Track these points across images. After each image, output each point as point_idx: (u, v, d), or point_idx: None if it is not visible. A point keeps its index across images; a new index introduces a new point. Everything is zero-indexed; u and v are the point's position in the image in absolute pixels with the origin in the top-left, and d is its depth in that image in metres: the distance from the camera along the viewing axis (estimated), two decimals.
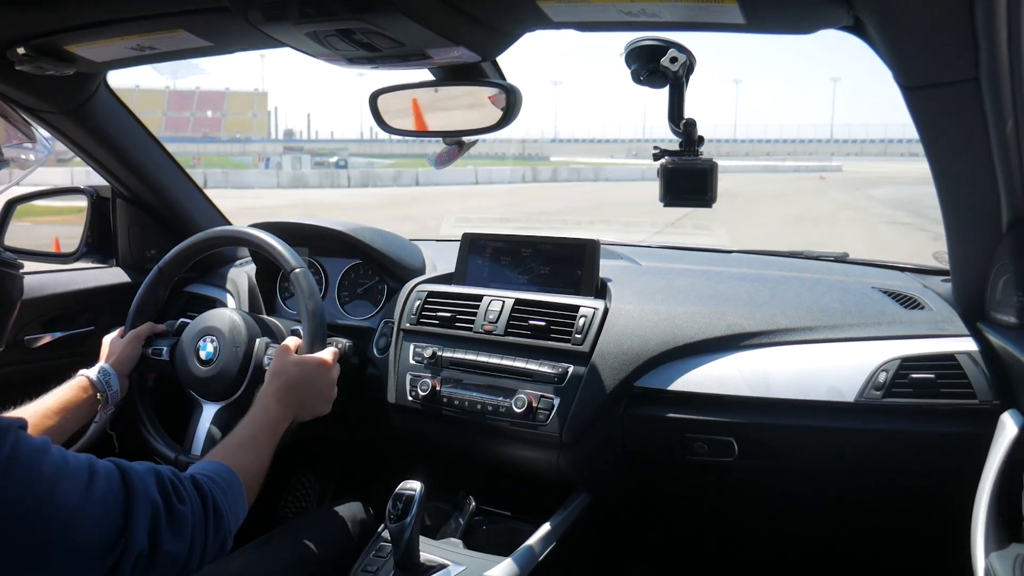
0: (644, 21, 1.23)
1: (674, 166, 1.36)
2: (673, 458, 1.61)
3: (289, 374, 1.43)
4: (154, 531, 0.95)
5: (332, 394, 1.50)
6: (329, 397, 1.49)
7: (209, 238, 1.71)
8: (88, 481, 0.90)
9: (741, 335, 1.57)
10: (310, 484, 2.33)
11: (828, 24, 1.16)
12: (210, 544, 1.05)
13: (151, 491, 0.96)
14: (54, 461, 0.87)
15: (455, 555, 1.57)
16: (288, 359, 1.47)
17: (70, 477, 0.88)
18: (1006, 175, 1.24)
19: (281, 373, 1.43)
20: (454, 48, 1.32)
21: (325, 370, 1.48)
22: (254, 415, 1.34)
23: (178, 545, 0.98)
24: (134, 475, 0.96)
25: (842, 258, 2.05)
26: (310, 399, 1.44)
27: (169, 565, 0.98)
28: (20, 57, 1.51)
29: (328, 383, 1.49)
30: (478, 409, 1.64)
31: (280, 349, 1.51)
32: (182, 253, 1.72)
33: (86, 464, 0.92)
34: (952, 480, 1.35)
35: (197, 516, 1.03)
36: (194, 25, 1.41)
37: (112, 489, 0.92)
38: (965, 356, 1.44)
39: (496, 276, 1.85)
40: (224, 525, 1.08)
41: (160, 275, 1.71)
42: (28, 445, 0.86)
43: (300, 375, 1.44)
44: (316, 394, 1.46)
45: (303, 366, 1.46)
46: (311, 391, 1.45)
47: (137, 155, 2.08)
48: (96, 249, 2.19)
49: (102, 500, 0.90)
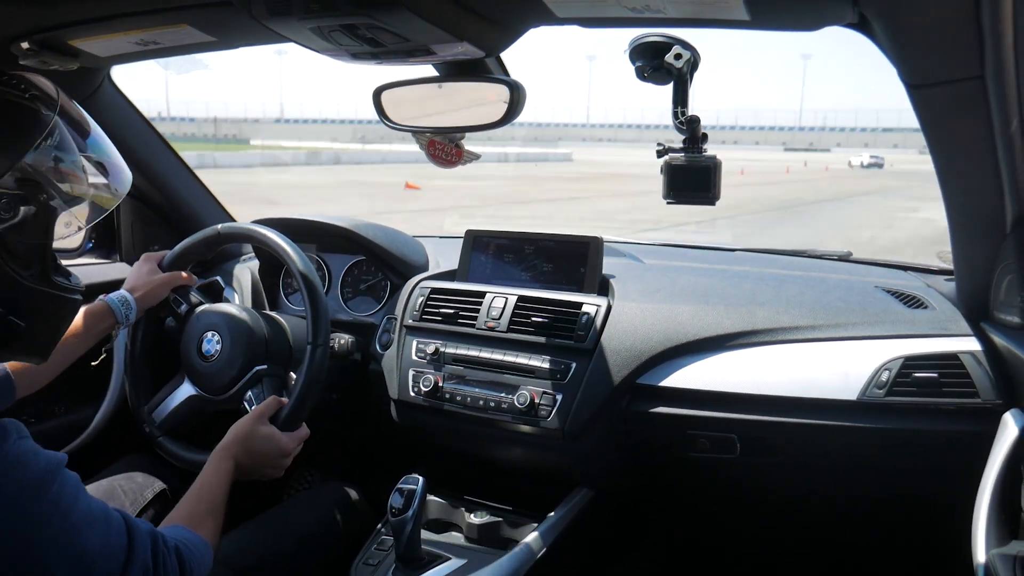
0: (648, 17, 1.22)
1: (677, 163, 1.36)
2: (675, 454, 1.61)
3: (247, 444, 1.41)
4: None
5: (278, 473, 1.48)
6: (276, 474, 1.47)
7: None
8: (105, 531, 0.97)
9: (744, 333, 1.57)
10: (313, 479, 2.34)
11: (833, 21, 1.16)
12: None
13: (147, 554, 1.02)
14: (84, 509, 0.95)
15: (457, 549, 1.58)
16: (256, 427, 1.43)
17: (94, 525, 0.95)
18: (1010, 174, 1.23)
19: (241, 440, 1.40)
20: (458, 44, 1.32)
21: (283, 454, 1.45)
22: (217, 478, 1.33)
23: None
24: (138, 535, 1.02)
25: (845, 257, 2.05)
26: (258, 467, 1.42)
27: None
28: (24, 52, 1.51)
29: (281, 465, 1.47)
30: (480, 405, 1.65)
31: (256, 411, 1.46)
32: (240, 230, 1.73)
33: (102, 513, 0.98)
34: (954, 479, 1.35)
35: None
36: (198, 20, 1.41)
37: (119, 543, 0.99)
38: (968, 356, 1.44)
39: (499, 273, 1.85)
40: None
41: (217, 236, 1.72)
42: (70, 487, 0.93)
43: (258, 449, 1.42)
44: (265, 466, 1.44)
45: (267, 441, 1.43)
46: (260, 462, 1.42)
47: (141, 150, 2.08)
48: (100, 244, 2.20)
49: (113, 552, 0.97)
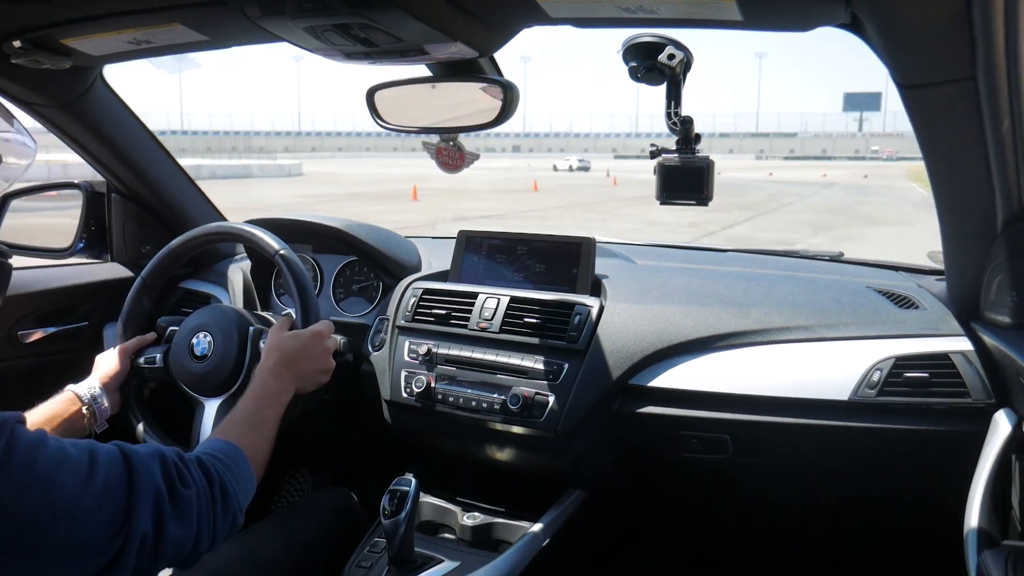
0: (642, 18, 1.23)
1: (671, 164, 1.37)
2: (667, 455, 1.61)
3: (284, 348, 1.42)
4: (158, 518, 0.94)
5: (329, 364, 1.50)
6: (327, 367, 1.49)
7: (188, 239, 1.69)
8: (88, 471, 0.88)
9: (736, 333, 1.58)
10: (304, 480, 2.33)
11: (826, 22, 1.16)
12: (220, 526, 1.04)
13: (155, 477, 0.95)
14: (51, 453, 0.86)
15: (449, 551, 1.58)
16: (282, 334, 1.46)
17: (69, 468, 0.87)
18: (1002, 174, 1.24)
19: (276, 348, 1.42)
20: (452, 44, 1.32)
21: (319, 340, 1.47)
22: (252, 391, 1.34)
23: (184, 530, 0.97)
24: (137, 460, 0.94)
25: (837, 257, 2.06)
26: (307, 370, 1.43)
27: (175, 551, 0.97)
28: (16, 50, 1.50)
29: (323, 352, 1.48)
30: (473, 406, 1.64)
31: (274, 327, 1.50)
32: (162, 261, 1.69)
33: (87, 452, 0.90)
34: (945, 478, 1.35)
35: (203, 499, 1.02)
36: (191, 19, 1.41)
37: (114, 476, 0.91)
38: (959, 355, 1.44)
39: (492, 273, 1.85)
40: (233, 505, 1.07)
41: (144, 286, 1.68)
42: (24, 440, 0.85)
43: (295, 347, 1.43)
44: (312, 364, 1.45)
45: (297, 338, 1.46)
46: (307, 362, 1.44)
47: (133, 150, 2.07)
48: (91, 244, 2.19)
49: (103, 488, 0.89)
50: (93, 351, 1.66)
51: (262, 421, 1.28)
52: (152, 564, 0.96)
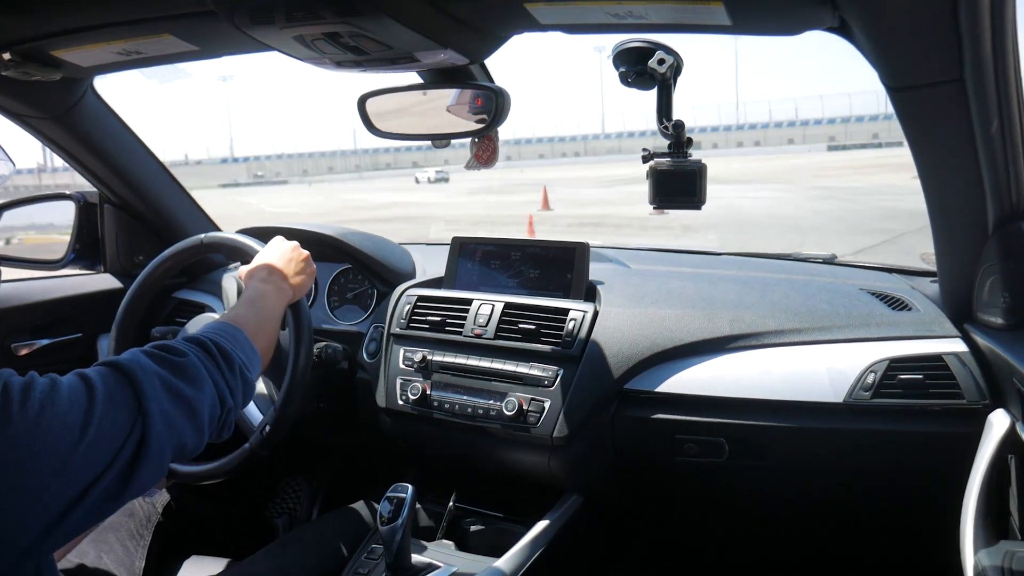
0: (631, 23, 1.23)
1: (663, 168, 1.37)
2: (663, 459, 1.61)
3: (256, 264, 1.43)
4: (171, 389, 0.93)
5: (311, 268, 1.50)
6: (310, 271, 1.49)
7: (179, 250, 1.67)
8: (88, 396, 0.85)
9: (730, 337, 1.58)
10: (300, 487, 2.32)
11: (814, 25, 1.17)
12: (232, 382, 1.04)
13: (148, 366, 0.93)
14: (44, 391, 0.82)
15: (446, 557, 1.58)
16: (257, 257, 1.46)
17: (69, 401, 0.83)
18: (992, 176, 1.24)
19: (248, 271, 1.42)
20: (442, 51, 1.32)
21: (291, 247, 1.48)
22: (244, 294, 1.32)
23: (200, 391, 0.97)
24: (125, 361, 0.92)
25: (830, 260, 2.06)
26: (290, 270, 1.43)
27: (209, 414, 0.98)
28: (6, 62, 1.50)
29: (303, 257, 1.48)
30: (468, 412, 1.64)
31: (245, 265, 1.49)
32: (155, 272, 1.67)
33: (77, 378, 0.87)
34: (941, 479, 1.35)
35: (204, 359, 1.01)
36: (181, 30, 1.41)
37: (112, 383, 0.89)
38: (953, 357, 1.44)
39: (486, 280, 1.85)
40: (236, 362, 1.06)
41: (136, 296, 1.67)
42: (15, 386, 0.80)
43: (269, 255, 1.44)
44: (293, 264, 1.45)
45: (268, 250, 1.47)
46: (286, 263, 1.44)
47: (125, 160, 2.07)
48: (83, 255, 2.18)
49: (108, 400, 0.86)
50: (87, 363, 1.65)
51: (257, 308, 1.27)
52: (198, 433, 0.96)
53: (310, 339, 1.56)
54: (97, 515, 0.85)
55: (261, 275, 1.39)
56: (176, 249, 1.67)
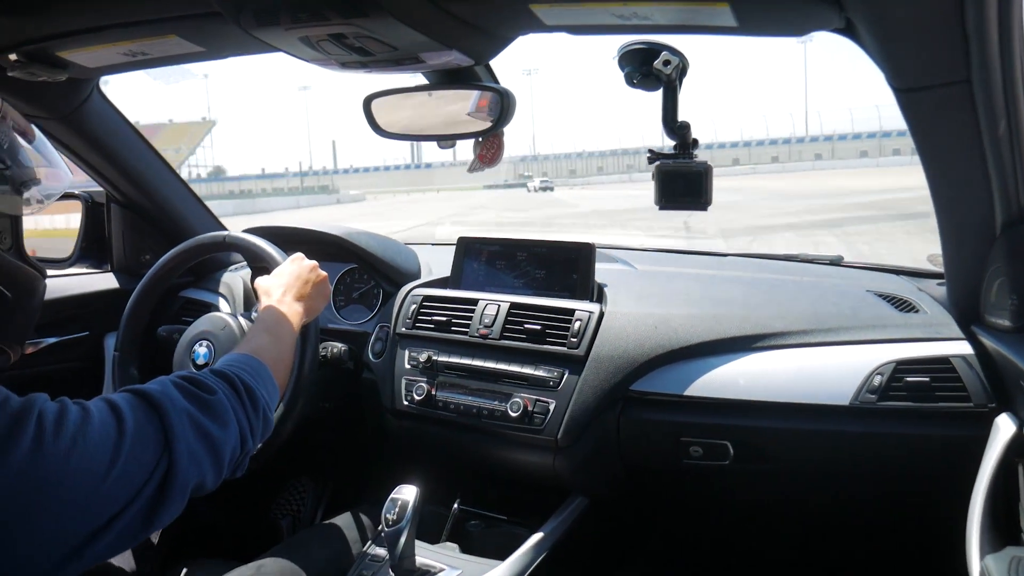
0: (636, 24, 1.23)
1: (669, 169, 1.36)
2: (669, 462, 1.61)
3: (277, 279, 1.43)
4: (199, 429, 0.93)
5: (327, 289, 1.50)
6: (325, 293, 1.50)
7: (186, 249, 1.68)
8: (118, 431, 0.85)
9: (736, 339, 1.57)
10: (305, 488, 2.32)
11: (820, 26, 1.16)
12: (255, 422, 1.04)
13: (177, 401, 0.93)
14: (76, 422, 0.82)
15: (451, 559, 1.57)
16: (270, 274, 1.47)
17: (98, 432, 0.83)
18: (999, 177, 1.23)
19: (264, 288, 1.42)
20: (447, 52, 1.32)
21: (299, 262, 1.48)
22: (261, 318, 1.33)
23: (227, 432, 0.97)
24: (155, 394, 0.92)
25: (837, 261, 2.05)
26: (306, 292, 1.43)
27: (230, 455, 0.98)
28: (12, 63, 1.51)
29: (319, 278, 1.48)
30: (474, 413, 1.64)
31: (261, 277, 1.50)
32: (161, 271, 1.69)
33: (106, 406, 0.87)
34: (947, 483, 1.34)
35: (231, 398, 1.01)
36: (187, 31, 1.41)
37: (141, 416, 0.89)
38: (960, 359, 1.43)
39: (492, 280, 1.84)
40: (260, 402, 1.06)
41: (143, 295, 1.68)
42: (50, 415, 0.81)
43: (288, 274, 1.44)
44: (309, 286, 1.45)
45: (287, 268, 1.47)
46: (304, 285, 1.44)
47: (131, 160, 2.08)
48: (90, 254, 2.19)
49: (136, 433, 0.86)
50: (94, 361, 1.66)
51: (277, 337, 1.27)
52: (217, 473, 0.96)
53: (316, 340, 1.56)
54: (116, 548, 0.85)
55: (277, 295, 1.39)
56: (196, 242, 1.69)
